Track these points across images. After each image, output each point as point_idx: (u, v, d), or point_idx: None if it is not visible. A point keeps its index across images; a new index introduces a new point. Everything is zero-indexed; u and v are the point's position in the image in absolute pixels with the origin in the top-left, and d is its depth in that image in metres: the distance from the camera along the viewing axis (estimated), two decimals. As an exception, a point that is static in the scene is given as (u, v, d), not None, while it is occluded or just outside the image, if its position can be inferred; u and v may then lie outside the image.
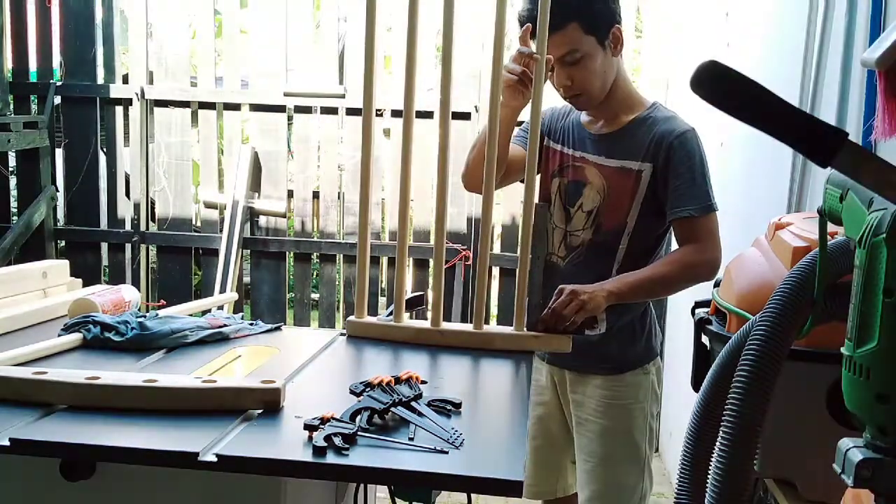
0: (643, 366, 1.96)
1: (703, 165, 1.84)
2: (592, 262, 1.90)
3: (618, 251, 1.89)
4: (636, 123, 1.89)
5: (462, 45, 3.63)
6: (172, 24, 4.01)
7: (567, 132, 1.99)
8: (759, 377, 1.05)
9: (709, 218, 1.83)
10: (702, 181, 1.83)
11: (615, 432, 1.94)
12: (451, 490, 1.19)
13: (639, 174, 1.86)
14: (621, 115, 1.91)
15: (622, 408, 1.94)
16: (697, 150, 1.84)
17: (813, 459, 1.10)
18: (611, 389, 1.94)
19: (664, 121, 1.87)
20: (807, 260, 1.09)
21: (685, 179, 1.82)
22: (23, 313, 1.81)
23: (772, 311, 1.07)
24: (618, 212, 1.89)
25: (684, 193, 1.82)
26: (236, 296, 3.05)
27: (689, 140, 1.84)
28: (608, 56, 1.84)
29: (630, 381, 1.94)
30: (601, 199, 1.90)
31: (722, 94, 0.86)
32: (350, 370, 1.66)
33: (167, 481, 1.23)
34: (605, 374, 1.94)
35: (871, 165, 0.82)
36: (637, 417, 1.95)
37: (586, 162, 1.92)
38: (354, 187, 3.93)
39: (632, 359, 1.95)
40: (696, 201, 1.81)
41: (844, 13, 1.74)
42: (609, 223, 1.90)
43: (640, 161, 1.86)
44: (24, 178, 4.06)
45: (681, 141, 1.83)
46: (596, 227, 1.92)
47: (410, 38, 1.72)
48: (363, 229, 1.79)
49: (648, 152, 1.85)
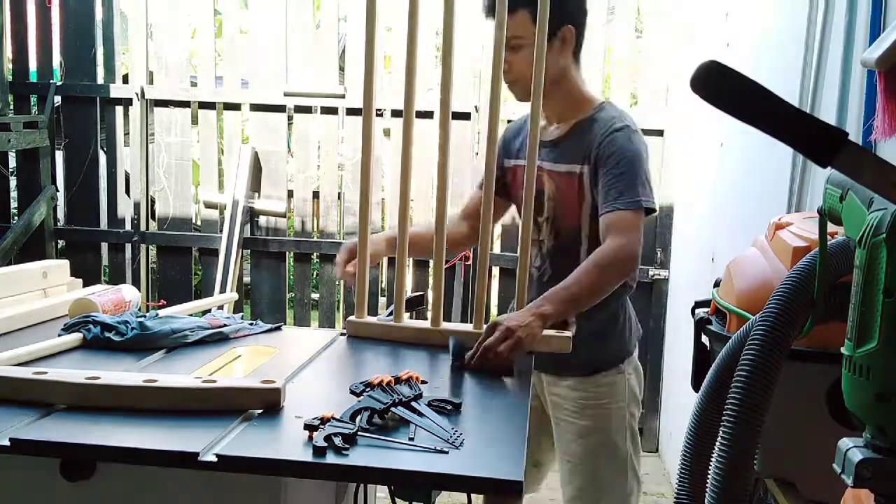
0: (616, 366, 1.97)
1: (632, 163, 1.81)
2: (558, 268, 1.90)
3: (580, 253, 1.91)
4: (580, 126, 1.91)
5: (462, 45, 3.64)
6: (172, 24, 4.01)
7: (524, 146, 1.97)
8: (760, 377, 1.05)
9: (632, 213, 1.79)
10: (630, 178, 1.80)
11: (592, 432, 1.96)
12: (451, 490, 1.19)
13: (580, 177, 1.88)
14: (567, 117, 1.93)
15: (598, 408, 1.96)
16: (628, 147, 1.83)
17: (813, 459, 1.10)
18: (585, 390, 1.96)
19: (603, 121, 1.87)
20: (807, 260, 1.09)
21: (611, 177, 1.82)
22: (23, 313, 1.81)
23: (772, 311, 1.07)
24: (570, 216, 1.92)
25: (610, 190, 1.81)
26: (236, 296, 3.05)
27: (619, 138, 1.83)
28: (552, 53, 1.81)
29: (604, 381, 1.96)
30: (554, 204, 1.93)
31: (722, 94, 0.86)
32: (350, 370, 1.66)
33: (167, 481, 1.23)
34: (579, 375, 1.96)
35: (871, 165, 0.82)
36: (614, 417, 1.96)
37: (542, 170, 1.93)
38: (354, 187, 3.93)
39: (604, 359, 1.96)
40: (622, 196, 1.79)
41: (844, 13, 1.74)
42: (565, 228, 1.93)
43: (580, 164, 1.87)
44: (24, 178, 4.06)
45: (610, 139, 1.83)
46: (555, 233, 1.95)
47: (410, 38, 1.72)
48: (363, 229, 1.79)
49: (586, 154, 1.86)
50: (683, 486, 1.21)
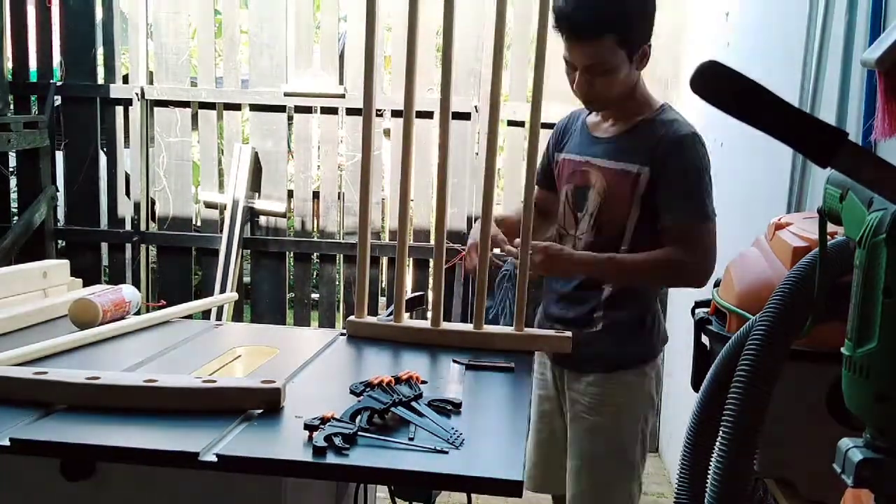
0: (639, 367, 1.94)
1: (698, 172, 1.81)
2: None
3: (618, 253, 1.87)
4: (641, 126, 1.88)
5: (462, 45, 3.64)
6: (172, 24, 4.01)
7: (573, 139, 1.99)
8: (759, 377, 1.05)
9: (704, 225, 1.80)
10: (696, 189, 1.80)
11: (603, 431, 1.93)
12: (451, 490, 1.19)
13: (637, 177, 1.84)
14: (628, 116, 1.90)
15: (613, 406, 1.93)
16: (694, 156, 1.82)
17: (813, 459, 1.10)
18: (603, 387, 1.93)
19: (666, 124, 1.85)
20: (807, 260, 1.09)
21: (677, 188, 1.80)
22: (23, 313, 1.81)
23: (772, 311, 1.07)
24: (618, 214, 1.87)
25: (676, 202, 1.80)
26: (236, 296, 3.05)
27: (687, 147, 1.82)
28: (633, 70, 1.83)
29: (623, 380, 1.93)
30: (601, 200, 1.89)
31: (721, 94, 0.86)
32: (350, 370, 1.66)
33: (167, 481, 1.23)
34: (599, 371, 1.93)
35: (870, 165, 0.82)
36: (627, 418, 1.93)
37: (591, 166, 1.92)
38: (354, 187, 3.93)
39: (627, 358, 1.93)
40: (687, 210, 1.80)
41: (844, 13, 1.74)
42: (609, 225, 1.89)
43: (639, 164, 1.84)
44: (24, 178, 4.05)
45: (677, 147, 1.81)
46: (597, 230, 1.91)
47: (410, 38, 1.72)
48: (363, 229, 1.79)
49: (647, 156, 1.83)
50: (683, 486, 1.21)
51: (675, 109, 1.94)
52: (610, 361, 1.93)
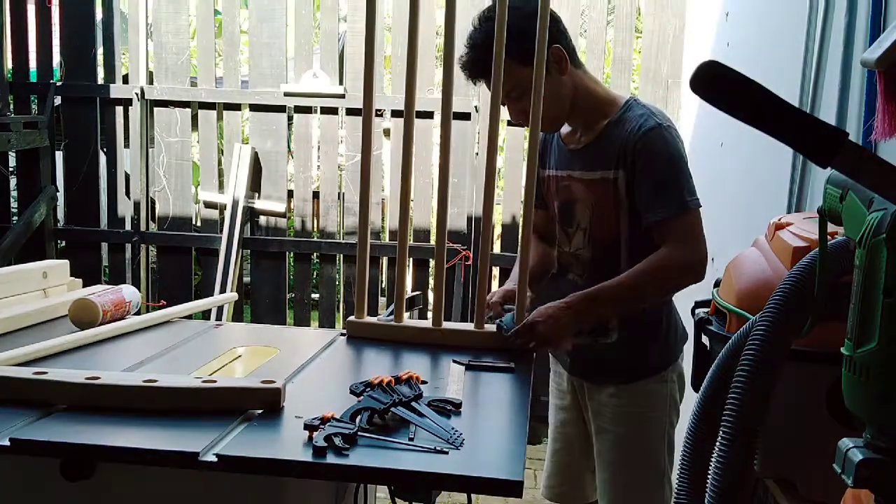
0: (659, 373, 1.89)
1: (669, 162, 1.75)
2: (602, 277, 1.80)
3: (621, 262, 1.83)
4: (608, 129, 1.82)
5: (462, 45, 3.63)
6: (172, 24, 4.01)
7: (552, 154, 1.96)
8: (759, 377, 1.05)
9: (684, 217, 1.74)
10: (672, 180, 1.74)
11: (631, 441, 1.90)
12: (451, 490, 1.19)
13: (615, 182, 1.80)
14: (593, 123, 1.85)
15: (637, 416, 1.89)
16: (664, 147, 1.75)
17: (813, 459, 1.10)
18: (625, 398, 1.89)
19: (632, 120, 1.79)
20: (807, 260, 1.09)
21: (652, 181, 1.75)
22: (23, 313, 1.81)
23: (771, 311, 1.07)
24: (608, 223, 1.84)
25: (653, 196, 1.75)
26: (236, 296, 3.04)
27: (654, 138, 1.75)
28: (555, 78, 1.77)
29: (645, 389, 1.89)
30: (590, 213, 1.86)
31: (721, 94, 0.86)
32: (350, 370, 1.66)
33: (167, 481, 1.23)
34: (619, 382, 1.89)
35: (871, 165, 0.82)
36: (653, 426, 1.89)
37: (572, 179, 1.88)
38: (354, 187, 3.93)
39: (646, 367, 1.89)
40: (667, 202, 1.74)
41: (844, 13, 1.74)
42: (602, 236, 1.85)
43: (613, 168, 1.79)
44: (24, 178, 4.05)
45: (644, 141, 1.75)
46: (593, 243, 1.87)
47: (411, 38, 1.72)
48: (363, 229, 1.79)
49: (618, 158, 1.78)
50: (683, 486, 1.21)
51: (642, 103, 1.86)
52: (629, 371, 1.89)
